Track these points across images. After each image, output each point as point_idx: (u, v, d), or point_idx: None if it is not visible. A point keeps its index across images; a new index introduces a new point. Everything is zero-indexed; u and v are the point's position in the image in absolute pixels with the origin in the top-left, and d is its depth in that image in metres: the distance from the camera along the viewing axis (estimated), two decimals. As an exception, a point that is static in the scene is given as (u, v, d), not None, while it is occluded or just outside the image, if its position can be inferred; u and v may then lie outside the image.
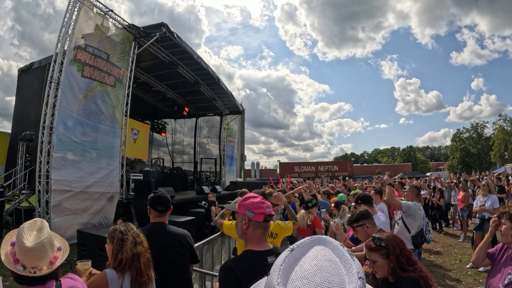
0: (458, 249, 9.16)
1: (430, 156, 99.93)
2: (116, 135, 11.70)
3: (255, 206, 2.12)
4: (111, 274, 2.41)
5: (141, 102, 18.80)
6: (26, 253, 1.73)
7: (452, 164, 58.95)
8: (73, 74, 10.09)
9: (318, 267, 0.69)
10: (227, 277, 2.01)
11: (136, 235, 2.54)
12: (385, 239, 2.48)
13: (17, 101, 17.42)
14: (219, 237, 6.09)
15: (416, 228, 5.10)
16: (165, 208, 3.22)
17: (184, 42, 14.01)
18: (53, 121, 9.61)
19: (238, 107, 22.46)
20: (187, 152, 24.78)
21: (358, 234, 3.48)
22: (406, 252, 2.48)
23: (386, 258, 2.42)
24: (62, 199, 9.59)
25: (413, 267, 2.38)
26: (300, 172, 63.71)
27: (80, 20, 10.22)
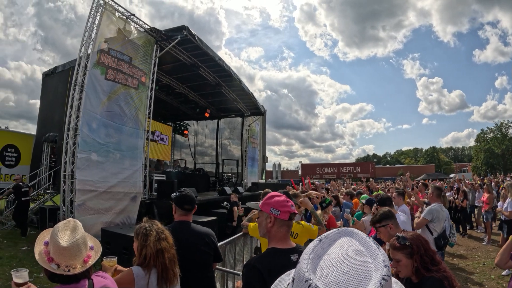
0: (481, 252, 8.92)
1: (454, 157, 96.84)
2: (139, 136, 11.84)
3: (280, 204, 2.14)
4: (138, 271, 2.45)
5: (164, 104, 19.00)
6: (61, 252, 1.76)
7: (476, 166, 57.18)
8: (97, 77, 10.27)
9: (345, 256, 0.73)
10: (251, 275, 2.04)
11: (160, 231, 2.57)
12: (409, 238, 2.45)
13: (41, 104, 17.87)
14: (242, 237, 6.11)
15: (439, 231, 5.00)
16: (191, 207, 3.26)
17: (205, 45, 14.08)
18: (77, 123, 9.80)
19: (259, 109, 22.39)
20: (208, 153, 24.84)
21: (381, 235, 3.38)
22: (430, 252, 2.45)
23: (410, 257, 2.39)
24: (86, 198, 9.76)
25: (437, 267, 2.35)
26: (321, 174, 63.03)
27: (102, 25, 10.40)
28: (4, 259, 8.30)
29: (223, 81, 17.65)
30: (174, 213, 3.27)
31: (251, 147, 23.67)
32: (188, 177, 17.41)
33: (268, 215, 2.14)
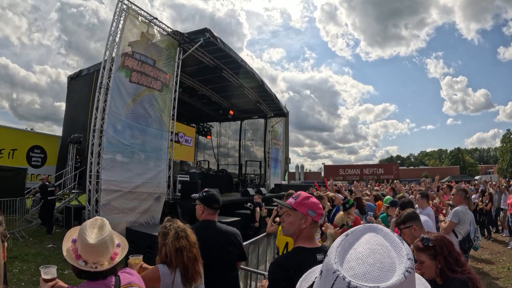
0: (506, 257, 8.62)
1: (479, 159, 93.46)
2: (163, 137, 11.98)
3: (317, 206, 2.17)
4: (163, 269, 2.48)
5: (187, 106, 19.15)
6: (88, 250, 1.79)
7: (502, 167, 54.86)
8: (121, 80, 10.45)
9: (371, 250, 0.76)
10: (278, 272, 2.04)
11: (180, 230, 2.58)
12: (433, 240, 2.43)
13: (67, 106, 18.33)
14: (265, 237, 6.16)
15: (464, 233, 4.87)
16: (219, 206, 3.29)
17: (228, 47, 14.11)
18: (103, 125, 9.99)
19: (282, 110, 22.30)
20: (231, 154, 24.93)
21: (405, 236, 3.28)
22: (455, 253, 2.42)
23: (433, 258, 2.37)
24: (111, 198, 9.92)
25: (461, 269, 2.32)
26: (344, 175, 62.14)
27: (126, 29, 10.60)
28: (30, 256, 8.48)
29: (246, 82, 17.62)
30: (201, 213, 3.28)
31: (274, 148, 23.61)
32: (211, 178, 17.53)
33: (304, 216, 2.14)
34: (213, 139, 24.89)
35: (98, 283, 1.82)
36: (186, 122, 21.54)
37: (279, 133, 24.59)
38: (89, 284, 1.82)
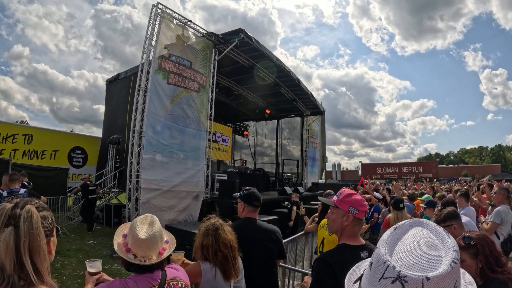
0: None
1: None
2: (201, 137, 12.09)
3: (359, 203, 2.16)
4: (205, 265, 2.52)
5: (224, 106, 19.21)
6: (138, 244, 1.86)
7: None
8: (159, 82, 10.63)
9: (418, 242, 0.81)
10: (322, 269, 2.04)
11: (218, 227, 2.61)
12: (475, 238, 2.34)
13: (106, 109, 18.91)
14: (303, 236, 6.12)
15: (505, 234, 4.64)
16: (259, 204, 3.33)
17: (263, 46, 14.03)
18: (142, 126, 10.18)
19: (319, 108, 21.96)
20: (268, 153, 24.82)
21: None
22: (496, 253, 2.31)
23: (474, 257, 2.28)
24: (150, 197, 10.10)
25: (502, 269, 2.22)
26: (382, 174, 60.40)
27: (161, 32, 10.75)
28: (71, 251, 8.76)
29: (282, 81, 17.53)
30: (242, 210, 3.31)
31: (311, 147, 23.25)
32: (249, 177, 17.52)
33: (345, 213, 2.14)
34: (250, 138, 24.91)
35: (145, 276, 1.88)
36: (223, 122, 21.68)
37: (316, 131, 24.23)
38: (136, 277, 1.88)
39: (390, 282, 0.75)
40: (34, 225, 1.29)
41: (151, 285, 1.86)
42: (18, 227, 1.26)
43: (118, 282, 1.86)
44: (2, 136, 15.39)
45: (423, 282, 0.72)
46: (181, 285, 1.99)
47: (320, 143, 25.21)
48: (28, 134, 16.40)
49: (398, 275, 0.74)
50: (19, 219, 1.27)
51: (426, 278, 0.72)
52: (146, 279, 1.87)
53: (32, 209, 1.33)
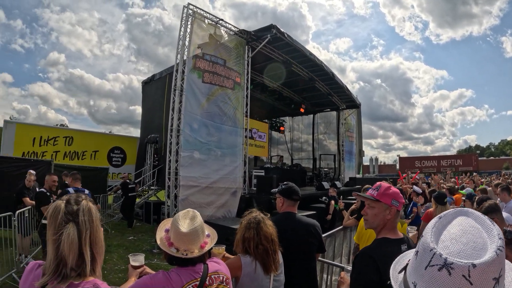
0: None
1: None
2: (238, 134, 12.13)
3: (399, 196, 2.16)
4: (245, 259, 2.55)
5: (259, 102, 19.18)
6: (181, 238, 1.90)
7: None
8: (194, 81, 10.73)
9: (463, 231, 0.82)
10: (366, 263, 2.01)
11: (259, 221, 2.64)
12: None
13: (143, 109, 19.36)
14: (341, 231, 6.11)
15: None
16: (298, 197, 3.33)
17: (295, 41, 13.83)
18: (179, 124, 10.33)
19: (354, 101, 21.44)
20: (304, 149, 24.54)
21: None
22: None
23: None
24: (189, 193, 10.22)
25: None
26: (421, 167, 57.81)
27: (194, 32, 10.83)
28: (112, 247, 9.02)
29: (316, 75, 17.24)
30: (281, 205, 3.32)
31: (348, 141, 22.79)
32: (286, 173, 17.38)
33: (388, 206, 2.13)
34: (286, 134, 24.70)
35: (188, 269, 1.92)
36: (258, 118, 21.54)
37: (352, 125, 23.69)
38: (179, 269, 1.92)
39: (436, 269, 0.77)
40: (93, 217, 1.42)
41: (193, 278, 1.89)
42: (77, 222, 1.35)
43: (161, 274, 1.89)
44: (43, 139, 16.09)
45: (469, 269, 0.73)
46: (222, 278, 2.02)
47: (357, 137, 24.69)
48: (69, 136, 17.09)
49: (445, 262, 0.75)
50: (78, 214, 1.36)
51: (472, 265, 0.73)
52: (189, 272, 1.91)
53: (89, 203, 1.44)
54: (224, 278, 2.03)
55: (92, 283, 1.34)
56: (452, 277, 0.74)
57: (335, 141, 22.43)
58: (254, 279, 2.52)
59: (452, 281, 0.74)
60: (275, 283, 2.61)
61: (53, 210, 1.37)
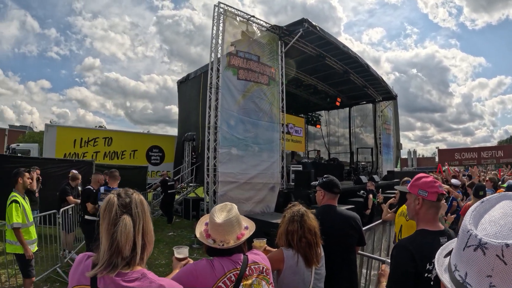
0: None
1: None
2: (275, 130, 12.08)
3: (428, 185, 2.12)
4: (287, 251, 2.58)
5: (294, 97, 19.01)
6: (216, 228, 1.97)
7: None
8: (230, 78, 10.79)
9: (504, 214, 0.80)
10: (403, 255, 2.01)
11: (302, 214, 2.64)
12: None
13: (179, 108, 19.67)
14: (381, 224, 6.01)
15: None
16: (338, 190, 3.33)
17: (328, 34, 13.62)
18: (217, 121, 10.41)
19: (390, 92, 20.83)
20: (341, 143, 24.10)
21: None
22: None
23: None
24: (227, 189, 10.31)
25: None
26: (460, 160, 55.22)
27: (226, 30, 10.90)
28: (152, 242, 9.33)
29: (351, 68, 16.87)
30: (322, 198, 3.32)
31: (385, 133, 22.09)
32: (323, 167, 17.14)
33: (416, 196, 2.13)
34: (322, 128, 24.40)
35: (226, 259, 1.96)
36: (294, 113, 21.45)
37: (389, 117, 22.95)
38: (221, 259, 1.97)
39: (472, 250, 0.78)
40: (145, 208, 1.48)
41: (234, 267, 1.94)
42: (131, 213, 1.41)
43: (204, 261, 1.95)
44: (84, 140, 16.74)
45: (503, 249, 0.72)
46: (262, 269, 2.04)
47: (394, 129, 24.04)
48: (108, 137, 17.68)
49: (479, 242, 0.76)
50: (130, 206, 1.43)
51: (506, 244, 0.73)
52: (231, 261, 1.96)
53: (140, 195, 1.51)
54: (264, 269, 2.05)
55: (140, 272, 1.39)
56: (486, 257, 0.75)
57: (372, 134, 21.87)
58: (296, 272, 2.54)
59: (487, 261, 0.74)
60: (316, 276, 2.62)
61: (106, 204, 1.43)
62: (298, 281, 2.55)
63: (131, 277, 1.35)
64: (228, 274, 1.90)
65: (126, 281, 1.34)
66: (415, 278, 1.92)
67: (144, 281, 1.36)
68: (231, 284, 1.89)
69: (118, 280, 1.34)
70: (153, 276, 1.41)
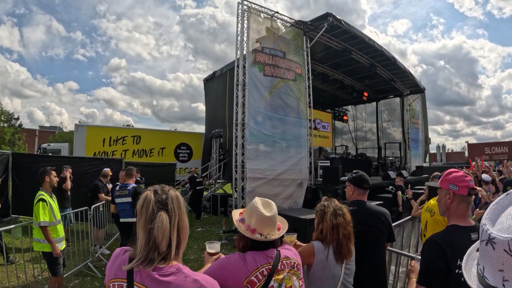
0: None
1: None
2: (302, 125, 12.01)
3: (458, 179, 2.09)
4: (318, 245, 2.59)
5: (321, 92, 18.80)
6: (265, 222, 1.97)
7: None
8: (256, 75, 10.77)
9: None
10: (433, 250, 1.99)
11: (338, 208, 2.66)
12: None
13: (206, 106, 19.85)
14: (410, 221, 5.93)
15: None
16: (368, 186, 3.32)
17: (353, 27, 13.38)
18: (244, 118, 10.42)
19: (418, 85, 20.17)
20: (368, 137, 23.67)
21: None
22: None
23: None
24: (256, 185, 10.30)
25: None
26: (491, 154, 53.00)
27: (251, 27, 10.89)
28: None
29: (377, 61, 16.49)
30: (352, 193, 3.31)
31: (414, 128, 21.51)
32: (351, 163, 16.93)
33: (447, 191, 2.12)
34: (349, 123, 24.02)
35: (262, 253, 1.97)
36: (321, 108, 21.22)
37: (417, 111, 22.29)
38: (254, 253, 1.96)
39: (485, 244, 0.78)
40: (181, 205, 1.51)
41: (267, 262, 1.93)
42: (167, 209, 1.44)
43: (237, 255, 1.96)
44: (113, 139, 17.16)
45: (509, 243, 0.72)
46: (293, 264, 2.04)
47: (422, 123, 23.54)
48: (136, 135, 18.07)
49: (489, 237, 0.77)
50: (167, 202, 1.46)
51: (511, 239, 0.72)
52: (263, 255, 1.95)
53: (176, 192, 1.54)
54: (295, 264, 2.05)
55: (175, 267, 1.41)
56: (496, 252, 0.75)
57: (400, 129, 21.34)
58: (326, 267, 2.54)
59: (497, 255, 0.75)
60: (346, 271, 2.62)
61: (143, 200, 1.46)
62: (328, 276, 2.56)
63: (167, 272, 1.38)
64: (260, 269, 1.91)
65: (162, 275, 1.37)
66: (445, 274, 1.91)
67: (179, 275, 1.39)
68: (263, 278, 1.90)
69: (154, 274, 1.37)
70: (188, 271, 1.43)
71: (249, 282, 1.86)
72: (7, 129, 36.33)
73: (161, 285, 1.35)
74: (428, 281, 1.97)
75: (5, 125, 36.81)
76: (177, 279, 1.37)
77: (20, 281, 5.76)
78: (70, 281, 6.18)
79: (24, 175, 10.84)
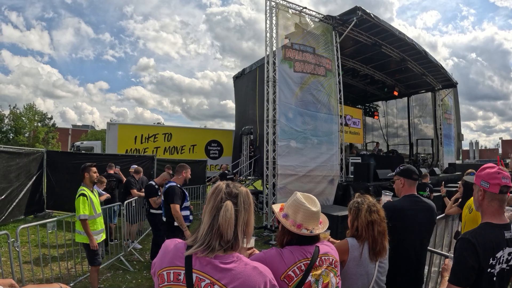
0: None
1: None
2: (333, 121, 11.91)
3: (490, 176, 2.03)
4: (352, 242, 2.55)
5: (351, 87, 18.59)
6: (312, 216, 1.98)
7: None
8: (286, 71, 10.73)
9: None
10: (465, 248, 1.95)
11: (372, 204, 2.61)
12: None
13: (236, 103, 19.94)
14: (443, 219, 5.89)
15: None
16: (417, 176, 3.24)
17: (383, 21, 13.06)
18: (275, 115, 10.39)
19: (450, 80, 19.50)
20: (399, 134, 23.11)
21: None
22: None
23: None
24: (287, 182, 10.27)
25: None
26: None
27: (280, 23, 10.85)
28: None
29: (408, 55, 16.01)
30: (402, 186, 3.23)
31: (446, 123, 20.75)
32: (383, 159, 16.58)
33: (479, 188, 2.07)
34: (380, 119, 23.58)
35: (301, 248, 1.96)
36: (351, 104, 20.91)
37: (450, 106, 21.44)
38: (292, 247, 1.96)
39: None
40: (250, 201, 1.56)
41: (305, 257, 1.92)
42: (236, 202, 1.49)
43: (274, 250, 1.96)
44: (144, 136, 17.55)
45: None
46: (332, 261, 2.02)
47: (455, 119, 22.87)
48: (167, 133, 18.43)
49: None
50: (237, 195, 1.51)
51: None
52: (301, 250, 1.94)
53: (247, 190, 1.58)
54: (333, 261, 2.03)
55: (235, 256, 1.43)
56: None
57: (432, 125, 20.69)
58: (360, 264, 2.51)
59: None
60: (379, 270, 2.58)
61: (215, 189, 1.53)
62: (361, 273, 2.52)
63: (228, 260, 1.40)
64: (298, 263, 1.90)
65: (223, 263, 1.39)
66: (477, 273, 1.88)
67: (239, 263, 1.41)
68: (300, 273, 1.89)
69: (215, 261, 1.39)
70: (247, 259, 1.46)
71: (286, 276, 1.87)
72: (41, 128, 37.64)
73: (223, 272, 1.37)
74: (460, 280, 1.93)
75: (39, 124, 38.12)
76: (237, 266, 1.39)
77: (54, 273, 5.96)
78: (103, 274, 6.31)
79: (58, 172, 11.21)
